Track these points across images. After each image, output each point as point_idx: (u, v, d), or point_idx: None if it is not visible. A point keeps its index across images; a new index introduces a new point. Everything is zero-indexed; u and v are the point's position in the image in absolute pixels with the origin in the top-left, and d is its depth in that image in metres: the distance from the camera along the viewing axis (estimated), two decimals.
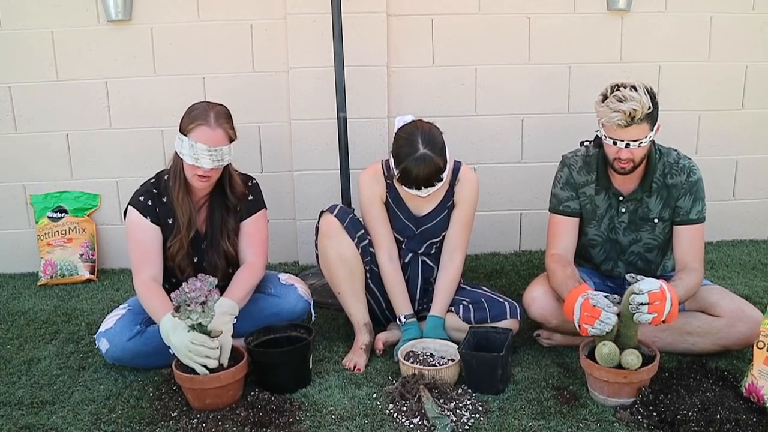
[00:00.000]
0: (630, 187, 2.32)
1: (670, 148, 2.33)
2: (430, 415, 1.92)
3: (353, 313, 2.42)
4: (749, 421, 1.82)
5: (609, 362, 1.96)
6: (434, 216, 2.43)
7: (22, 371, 2.32)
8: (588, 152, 2.38)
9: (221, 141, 2.17)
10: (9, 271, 3.36)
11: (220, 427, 1.91)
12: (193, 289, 1.96)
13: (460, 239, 2.44)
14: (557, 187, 2.40)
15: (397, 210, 2.43)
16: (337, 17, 2.78)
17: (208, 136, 2.14)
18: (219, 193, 2.31)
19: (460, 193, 2.42)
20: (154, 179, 2.32)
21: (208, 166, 2.15)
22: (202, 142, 2.14)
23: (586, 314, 1.97)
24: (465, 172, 2.43)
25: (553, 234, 2.39)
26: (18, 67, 3.16)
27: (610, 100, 2.11)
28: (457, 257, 2.43)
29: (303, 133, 3.23)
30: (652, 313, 1.91)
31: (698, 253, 2.27)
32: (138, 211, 2.24)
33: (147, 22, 3.14)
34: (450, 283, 2.41)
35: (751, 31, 3.32)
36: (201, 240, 2.32)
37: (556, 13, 3.23)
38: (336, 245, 2.38)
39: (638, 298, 1.92)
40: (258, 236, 2.38)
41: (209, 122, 2.16)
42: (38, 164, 3.28)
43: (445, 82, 3.25)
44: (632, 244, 2.37)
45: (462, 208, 2.43)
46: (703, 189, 2.29)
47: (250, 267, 2.32)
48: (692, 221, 2.27)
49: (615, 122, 2.10)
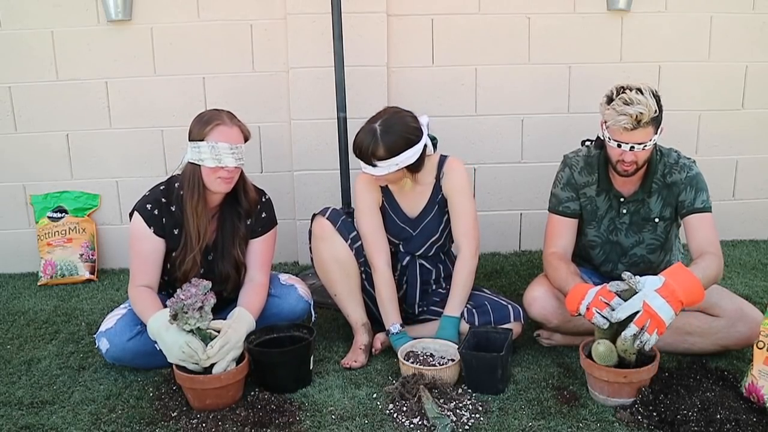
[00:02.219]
0: (631, 189, 2.32)
1: (670, 148, 2.33)
2: (430, 415, 1.92)
3: (350, 313, 2.41)
4: (749, 421, 1.82)
5: (606, 360, 1.96)
6: (427, 213, 2.42)
7: (22, 371, 2.32)
8: (590, 153, 2.38)
9: (239, 138, 2.19)
10: (9, 271, 3.36)
11: (220, 427, 1.91)
12: (189, 295, 1.96)
13: (460, 229, 2.37)
14: (557, 187, 2.40)
15: (392, 214, 2.42)
16: (337, 17, 2.78)
17: (227, 134, 2.15)
18: (230, 201, 2.29)
19: (447, 184, 2.38)
20: (164, 185, 2.28)
21: (232, 164, 2.15)
22: (223, 140, 2.14)
23: (601, 298, 1.96)
24: (450, 164, 2.39)
25: (551, 234, 2.38)
26: (18, 67, 3.16)
27: (616, 102, 2.10)
28: (465, 250, 2.36)
29: (303, 133, 3.23)
30: (651, 332, 1.88)
31: (713, 240, 2.20)
32: (144, 219, 2.21)
33: (147, 22, 3.14)
34: (462, 279, 2.34)
35: (751, 31, 3.32)
36: (209, 251, 2.31)
37: (556, 13, 3.23)
38: (330, 247, 2.38)
39: (629, 332, 1.90)
40: (267, 255, 2.37)
41: (225, 121, 2.17)
42: (38, 164, 3.28)
43: (445, 82, 3.25)
44: (635, 246, 2.37)
45: (454, 200, 2.38)
46: (704, 182, 2.27)
47: (262, 287, 2.30)
48: (699, 209, 2.23)
49: (621, 125, 2.09)
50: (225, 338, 2.03)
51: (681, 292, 1.90)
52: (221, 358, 2.01)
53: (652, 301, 1.89)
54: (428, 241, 2.45)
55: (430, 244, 2.45)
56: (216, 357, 2.00)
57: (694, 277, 1.95)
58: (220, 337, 2.03)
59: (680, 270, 1.97)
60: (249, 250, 2.34)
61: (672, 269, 1.98)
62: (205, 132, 2.15)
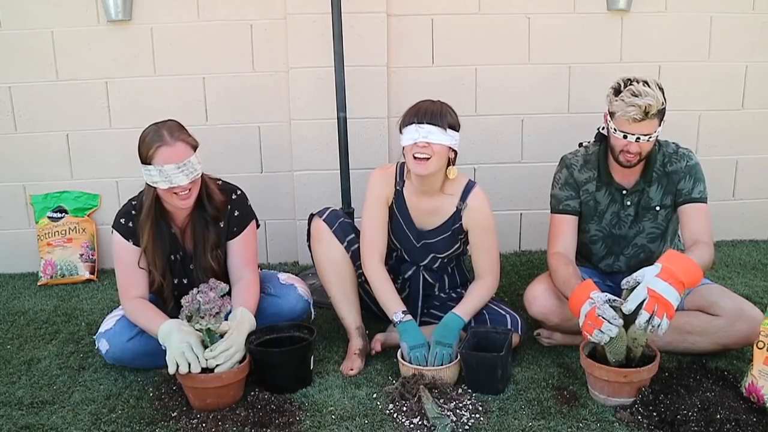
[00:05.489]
0: (632, 180, 2.35)
1: (667, 140, 2.38)
2: (430, 415, 1.92)
3: (345, 317, 2.40)
4: (749, 421, 1.82)
5: (615, 346, 1.94)
6: (437, 233, 2.38)
7: (22, 371, 2.32)
8: (588, 151, 2.42)
9: (185, 154, 2.11)
10: (9, 271, 3.36)
11: (220, 427, 1.91)
12: (207, 300, 1.97)
13: (484, 264, 2.34)
14: (556, 188, 2.42)
15: (400, 218, 2.39)
16: (337, 17, 2.78)
17: (171, 155, 2.08)
18: (198, 208, 2.27)
19: (471, 220, 2.33)
20: (135, 199, 2.28)
21: (184, 182, 2.11)
22: (168, 162, 2.08)
23: (589, 323, 1.95)
24: (474, 197, 2.33)
25: (554, 234, 2.40)
26: (18, 67, 3.16)
27: (624, 94, 2.15)
28: (489, 279, 2.34)
29: (303, 133, 3.23)
30: (661, 316, 1.89)
31: (706, 229, 2.26)
32: (120, 234, 2.23)
33: (147, 22, 3.14)
34: (479, 295, 2.31)
35: (751, 31, 3.32)
36: (189, 260, 2.30)
37: (556, 13, 3.23)
38: (326, 249, 2.38)
39: (642, 319, 1.90)
40: (250, 252, 2.35)
41: (166, 140, 2.09)
42: (38, 164, 3.28)
43: (445, 82, 3.25)
44: (636, 235, 2.39)
45: (477, 235, 2.34)
46: (702, 173, 2.32)
47: (253, 284, 2.29)
48: (695, 200, 2.29)
49: (631, 116, 2.14)
50: (229, 342, 2.03)
51: (680, 273, 1.94)
52: (226, 359, 2.01)
53: (656, 285, 1.92)
54: (431, 254, 2.42)
55: (434, 258, 2.42)
56: (219, 359, 2.00)
57: (689, 259, 2.01)
58: (225, 339, 2.03)
59: (674, 254, 2.03)
60: (230, 251, 2.33)
61: (666, 255, 2.02)
62: (150, 155, 2.10)
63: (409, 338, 2.20)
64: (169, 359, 1.98)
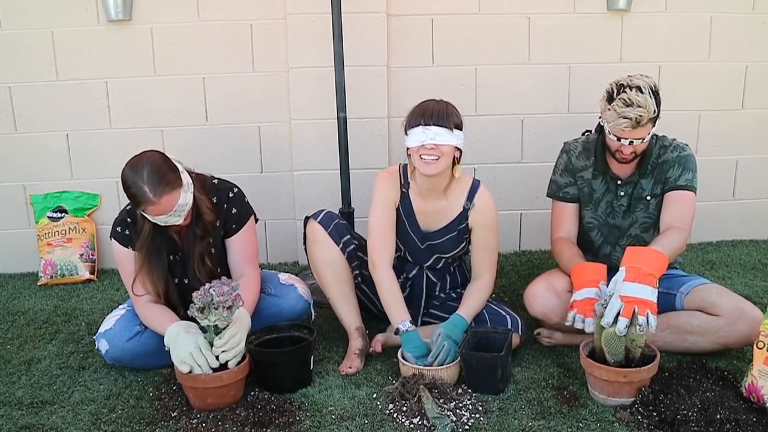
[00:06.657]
0: (628, 171, 2.38)
1: (665, 135, 2.39)
2: (430, 415, 1.92)
3: (344, 317, 2.40)
4: (749, 421, 1.82)
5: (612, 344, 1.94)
6: (442, 234, 2.38)
7: (22, 371, 2.32)
8: (588, 139, 2.46)
9: (171, 204, 2.07)
10: (9, 271, 3.36)
11: (220, 427, 1.91)
12: (222, 293, 1.96)
13: (483, 263, 2.36)
14: (557, 174, 2.47)
15: (405, 220, 2.39)
16: (337, 17, 2.78)
17: (159, 210, 2.06)
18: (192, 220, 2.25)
19: (477, 218, 2.35)
20: (129, 206, 2.24)
21: (178, 221, 2.13)
22: (158, 215, 2.08)
23: (580, 305, 2.08)
24: (481, 196, 2.34)
25: (556, 220, 2.46)
26: (18, 67, 3.16)
27: (616, 103, 2.16)
28: (487, 278, 2.36)
29: (303, 133, 3.23)
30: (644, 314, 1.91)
31: (683, 215, 2.27)
32: (118, 242, 2.24)
33: (147, 22, 3.14)
34: (477, 297, 2.32)
35: (751, 31, 3.32)
36: (188, 260, 2.30)
37: (556, 13, 3.23)
38: (322, 251, 2.38)
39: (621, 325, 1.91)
40: (250, 248, 2.35)
41: (149, 200, 2.03)
42: (38, 164, 3.28)
43: (445, 82, 3.25)
44: (630, 226, 2.42)
45: (481, 233, 2.36)
46: (695, 164, 2.33)
47: (253, 281, 2.29)
48: (680, 187, 2.30)
49: (621, 127, 2.17)
50: (235, 328, 2.03)
51: (646, 267, 1.97)
52: (234, 346, 2.01)
53: (625, 290, 1.95)
54: (435, 255, 2.42)
55: (437, 258, 2.43)
56: (228, 345, 2.00)
57: (649, 250, 2.05)
58: (231, 326, 2.03)
59: (633, 251, 2.05)
60: (230, 249, 2.33)
61: (626, 254, 2.05)
62: (140, 210, 2.10)
63: (414, 348, 2.20)
64: (177, 360, 1.99)
